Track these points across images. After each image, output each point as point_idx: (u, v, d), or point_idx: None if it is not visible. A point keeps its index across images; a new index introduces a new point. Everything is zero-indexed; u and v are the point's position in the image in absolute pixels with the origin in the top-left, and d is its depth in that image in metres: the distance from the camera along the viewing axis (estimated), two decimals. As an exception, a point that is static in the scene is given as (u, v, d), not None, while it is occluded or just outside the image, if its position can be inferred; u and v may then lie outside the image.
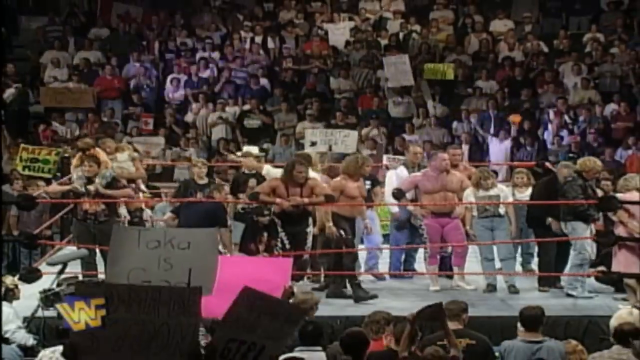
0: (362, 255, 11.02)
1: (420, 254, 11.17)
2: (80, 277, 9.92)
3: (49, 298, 9.23)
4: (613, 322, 7.23)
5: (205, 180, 11.53)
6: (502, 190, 10.79)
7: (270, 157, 16.00)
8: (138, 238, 5.88)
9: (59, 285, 9.34)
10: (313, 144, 13.57)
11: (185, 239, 5.82)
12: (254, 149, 12.59)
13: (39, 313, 9.08)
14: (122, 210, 11.79)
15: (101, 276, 9.51)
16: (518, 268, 10.95)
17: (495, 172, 13.25)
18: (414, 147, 11.90)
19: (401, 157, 13.17)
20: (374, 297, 9.98)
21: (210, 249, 5.93)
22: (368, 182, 10.98)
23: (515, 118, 17.03)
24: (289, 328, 5.19)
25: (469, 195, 10.58)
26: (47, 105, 17.67)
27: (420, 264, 11.21)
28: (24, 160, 13.50)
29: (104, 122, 17.45)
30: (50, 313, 8.92)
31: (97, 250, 10.24)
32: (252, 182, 11.17)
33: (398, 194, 10.62)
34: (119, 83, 18.18)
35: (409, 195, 10.70)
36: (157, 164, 16.46)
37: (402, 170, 11.22)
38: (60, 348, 7.11)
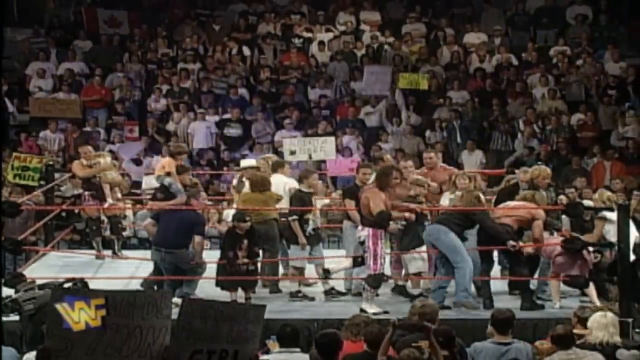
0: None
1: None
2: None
3: (7, 305, 9.16)
4: (589, 324, 7.43)
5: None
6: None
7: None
8: None
9: (16, 291, 9.32)
10: (292, 153, 13.60)
11: None
12: (252, 162, 11.86)
13: None
14: (102, 217, 12.12)
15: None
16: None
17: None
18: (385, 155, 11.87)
19: None
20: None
21: None
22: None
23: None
24: (254, 327, 5.15)
25: (444, 200, 10.77)
26: (35, 115, 17.73)
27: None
28: (15, 169, 13.36)
29: (83, 131, 17.56)
30: (8, 319, 8.95)
31: None
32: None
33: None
34: (104, 93, 18.36)
35: None
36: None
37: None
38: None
